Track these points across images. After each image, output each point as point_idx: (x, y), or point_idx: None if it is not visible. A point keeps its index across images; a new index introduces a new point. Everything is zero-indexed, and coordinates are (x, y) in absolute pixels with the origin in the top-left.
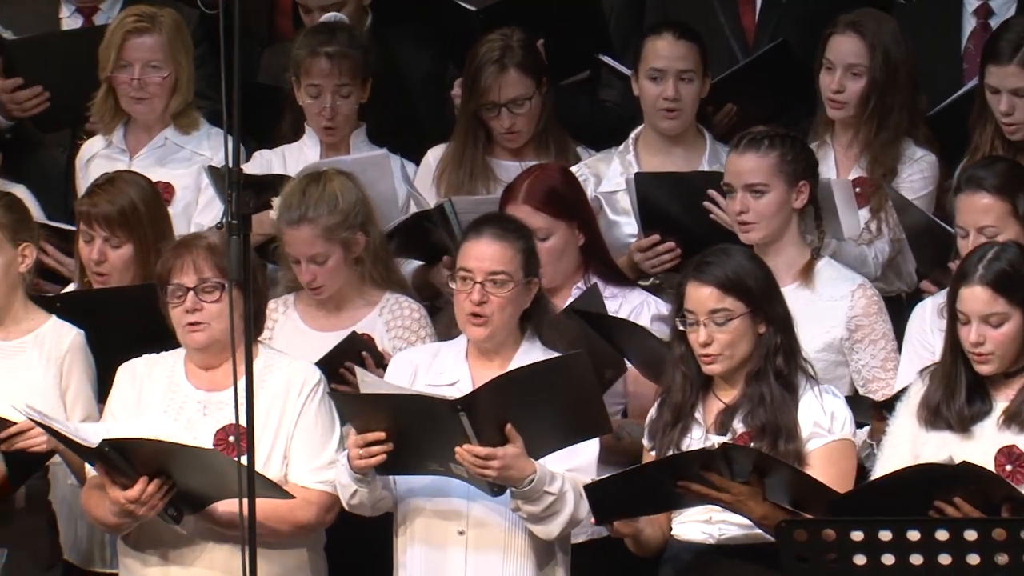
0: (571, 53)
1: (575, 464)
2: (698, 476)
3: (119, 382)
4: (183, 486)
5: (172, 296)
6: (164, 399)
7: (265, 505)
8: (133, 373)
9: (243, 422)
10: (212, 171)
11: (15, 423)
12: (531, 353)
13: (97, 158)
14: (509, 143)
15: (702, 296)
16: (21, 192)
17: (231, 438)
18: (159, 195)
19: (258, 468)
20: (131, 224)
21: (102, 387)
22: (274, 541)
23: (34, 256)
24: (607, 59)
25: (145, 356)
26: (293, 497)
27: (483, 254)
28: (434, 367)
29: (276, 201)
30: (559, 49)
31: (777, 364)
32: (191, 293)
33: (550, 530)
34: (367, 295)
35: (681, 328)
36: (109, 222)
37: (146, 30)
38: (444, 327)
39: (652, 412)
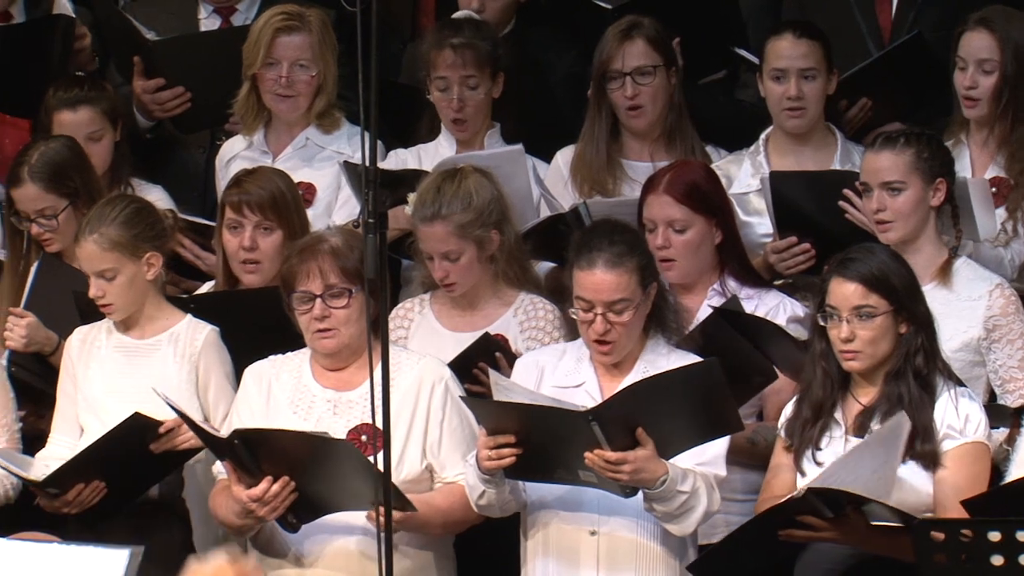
0: (707, 52)
1: (703, 459)
2: (797, 522)
3: (245, 385)
4: (306, 489)
5: (299, 303)
6: (292, 399)
7: (435, 505)
8: (259, 375)
9: (377, 422)
10: (348, 167)
11: (162, 423)
12: (657, 350)
13: (238, 159)
14: (632, 120)
15: (846, 292)
16: (158, 194)
17: (363, 437)
18: (298, 191)
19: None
20: (281, 210)
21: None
22: (429, 537)
23: (160, 263)
24: (743, 52)
25: (270, 357)
26: (416, 510)
27: (599, 286)
28: (560, 368)
29: (412, 196)
30: (695, 48)
31: (917, 364)
32: (319, 300)
33: (685, 527)
34: (502, 294)
35: (823, 324)
36: (261, 206)
37: (295, 29)
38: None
39: (788, 408)
